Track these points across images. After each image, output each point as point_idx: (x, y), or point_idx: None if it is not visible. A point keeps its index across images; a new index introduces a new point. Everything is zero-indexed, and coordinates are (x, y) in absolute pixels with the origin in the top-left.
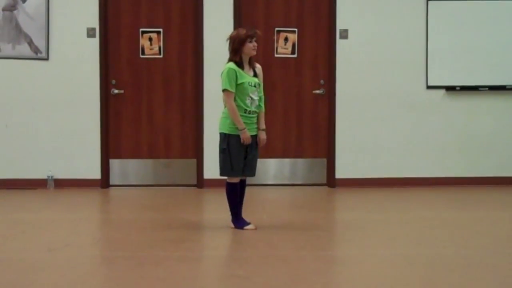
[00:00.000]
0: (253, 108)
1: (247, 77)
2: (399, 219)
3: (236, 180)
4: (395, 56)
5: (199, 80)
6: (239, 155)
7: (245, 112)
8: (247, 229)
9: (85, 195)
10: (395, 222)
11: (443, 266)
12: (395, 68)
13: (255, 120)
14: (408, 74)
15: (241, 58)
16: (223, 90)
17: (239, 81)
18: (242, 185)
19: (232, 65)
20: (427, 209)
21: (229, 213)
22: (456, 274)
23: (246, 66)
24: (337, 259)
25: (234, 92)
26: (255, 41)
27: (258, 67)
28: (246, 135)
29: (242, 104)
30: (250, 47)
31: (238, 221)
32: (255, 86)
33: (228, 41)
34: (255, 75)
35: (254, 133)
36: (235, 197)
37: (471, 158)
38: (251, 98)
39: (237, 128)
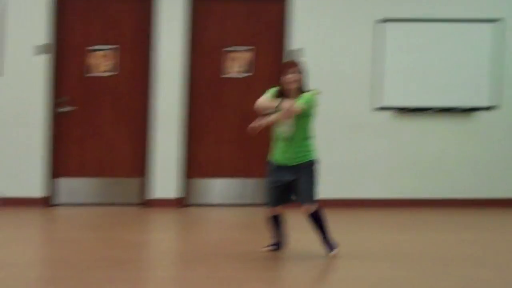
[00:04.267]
0: (289, 135)
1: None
2: (340, 240)
3: (270, 212)
4: (346, 76)
5: (149, 99)
6: (270, 183)
7: (281, 139)
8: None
9: (30, 213)
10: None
11: None
12: (345, 88)
13: (291, 149)
14: (357, 95)
15: (283, 88)
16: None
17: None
18: (309, 220)
19: (275, 89)
20: (370, 231)
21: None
22: None
23: (291, 96)
24: (282, 280)
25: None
26: (293, 72)
27: (305, 95)
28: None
29: (277, 131)
30: (285, 80)
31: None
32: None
33: None
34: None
35: (294, 163)
36: (270, 224)
37: (420, 179)
38: (284, 125)
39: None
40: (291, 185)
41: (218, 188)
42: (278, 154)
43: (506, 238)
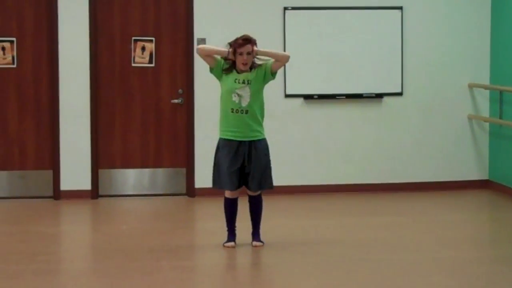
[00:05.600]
0: (243, 106)
1: (235, 74)
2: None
3: (227, 194)
4: None
5: (54, 90)
6: (225, 164)
7: (232, 111)
8: (225, 246)
9: None
10: (246, 230)
11: (294, 270)
12: None
13: (248, 121)
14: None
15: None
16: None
17: (224, 78)
18: (252, 201)
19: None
20: (284, 216)
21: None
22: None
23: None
24: (196, 268)
25: (211, 63)
26: (247, 53)
27: (260, 63)
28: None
29: (228, 102)
30: (240, 61)
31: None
32: (243, 83)
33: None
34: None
35: (247, 139)
36: (228, 212)
37: (329, 165)
38: (238, 94)
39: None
40: (245, 164)
41: (129, 179)
42: (229, 129)
43: (417, 220)
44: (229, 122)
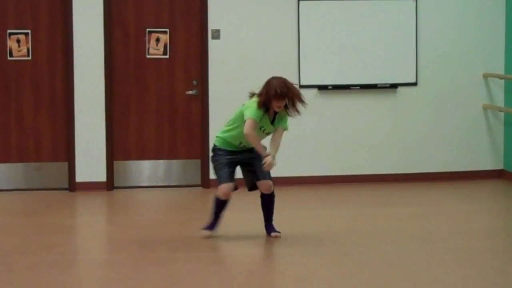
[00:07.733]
0: (248, 146)
1: (264, 122)
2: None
3: (222, 194)
4: (268, 56)
5: (69, 82)
6: (224, 160)
7: (238, 145)
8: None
9: None
10: (260, 222)
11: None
12: (267, 68)
13: (246, 149)
14: (280, 74)
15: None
16: (248, 118)
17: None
18: (266, 198)
19: (256, 105)
20: (298, 207)
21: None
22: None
23: (271, 110)
24: (211, 259)
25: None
26: (282, 100)
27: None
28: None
29: (241, 139)
30: (275, 105)
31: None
32: (264, 132)
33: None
34: (274, 119)
35: (246, 149)
36: (218, 208)
37: (344, 156)
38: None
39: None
40: (246, 163)
41: (144, 170)
42: (234, 144)
43: (432, 210)
44: (236, 141)
